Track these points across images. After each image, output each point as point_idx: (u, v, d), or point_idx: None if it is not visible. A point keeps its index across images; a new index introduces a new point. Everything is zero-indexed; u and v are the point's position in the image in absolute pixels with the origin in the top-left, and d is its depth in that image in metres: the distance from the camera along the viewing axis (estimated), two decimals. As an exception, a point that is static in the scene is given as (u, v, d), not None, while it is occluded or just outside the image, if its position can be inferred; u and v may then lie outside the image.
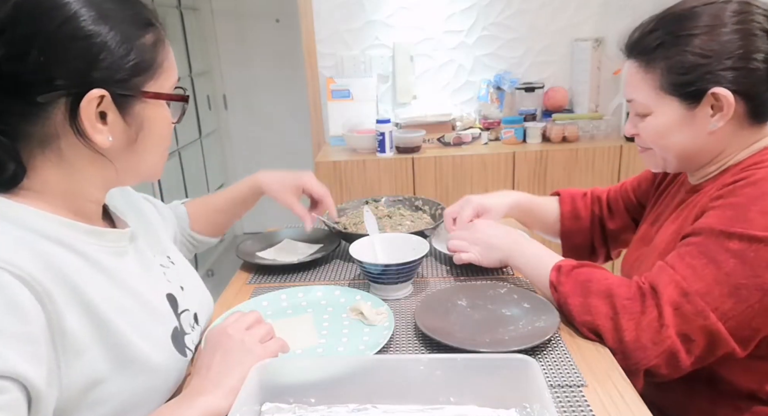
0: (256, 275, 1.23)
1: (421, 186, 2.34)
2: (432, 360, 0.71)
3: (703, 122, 0.90)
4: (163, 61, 0.74)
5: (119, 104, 0.69)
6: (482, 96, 2.63)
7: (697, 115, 0.90)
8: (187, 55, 3.56)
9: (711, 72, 0.86)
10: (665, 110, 0.92)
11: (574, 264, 0.95)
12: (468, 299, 1.03)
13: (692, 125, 0.91)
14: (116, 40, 0.68)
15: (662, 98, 0.91)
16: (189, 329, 0.86)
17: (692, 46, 0.86)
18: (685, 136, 0.92)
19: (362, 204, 1.46)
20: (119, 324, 0.70)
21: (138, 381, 0.71)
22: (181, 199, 1.25)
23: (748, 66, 0.84)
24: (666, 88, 0.90)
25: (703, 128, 0.90)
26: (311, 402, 0.72)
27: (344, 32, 2.61)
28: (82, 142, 0.69)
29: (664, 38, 0.89)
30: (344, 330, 0.97)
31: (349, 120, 2.49)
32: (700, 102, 0.88)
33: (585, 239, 1.31)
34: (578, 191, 1.33)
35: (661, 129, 0.94)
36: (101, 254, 0.74)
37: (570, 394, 0.78)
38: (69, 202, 0.73)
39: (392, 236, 1.20)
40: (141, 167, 0.77)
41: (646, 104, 0.94)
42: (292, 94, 3.89)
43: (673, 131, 0.93)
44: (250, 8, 3.83)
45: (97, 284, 0.70)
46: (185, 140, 3.43)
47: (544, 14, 2.57)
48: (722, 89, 0.85)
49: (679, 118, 0.91)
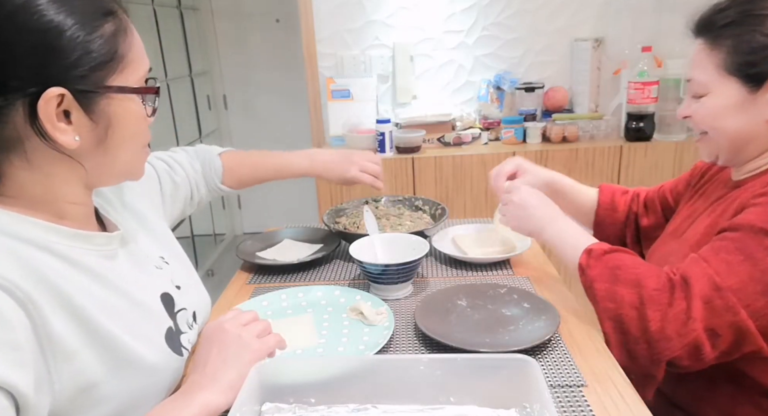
0: (256, 275, 1.23)
1: (421, 186, 2.33)
2: (432, 360, 0.71)
3: (761, 108, 0.87)
4: (126, 52, 0.68)
5: (82, 102, 0.65)
6: (482, 96, 2.63)
7: (757, 100, 0.87)
8: (187, 55, 3.56)
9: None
10: (724, 90, 0.89)
11: (605, 248, 0.93)
12: (468, 299, 1.03)
13: (749, 110, 0.88)
14: (73, 32, 0.62)
15: (723, 78, 0.89)
16: (186, 328, 0.85)
17: (764, 26, 0.84)
18: (740, 121, 0.90)
19: (362, 204, 1.46)
20: (109, 325, 0.69)
21: (134, 382, 0.71)
22: None
23: None
24: (729, 68, 0.88)
25: (760, 114, 0.88)
26: (311, 402, 0.72)
27: (344, 32, 2.61)
28: (47, 144, 0.65)
29: (736, 17, 0.87)
30: (344, 330, 0.97)
31: (349, 120, 2.49)
32: (761, 86, 0.86)
33: (617, 232, 1.29)
34: (619, 187, 1.32)
35: (717, 110, 0.91)
36: (89, 256, 0.72)
37: (570, 394, 0.78)
38: (48, 206, 0.70)
39: (392, 236, 1.20)
40: (116, 166, 0.73)
41: (705, 83, 0.91)
42: (292, 94, 3.89)
43: (729, 113, 0.90)
44: (250, 8, 3.83)
45: (84, 287, 0.68)
46: (185, 140, 3.43)
47: (544, 14, 2.56)
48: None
49: (737, 101, 0.89)
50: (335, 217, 1.40)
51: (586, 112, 2.54)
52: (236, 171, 1.21)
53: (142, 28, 2.70)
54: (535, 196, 1.09)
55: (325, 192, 2.40)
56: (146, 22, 3.02)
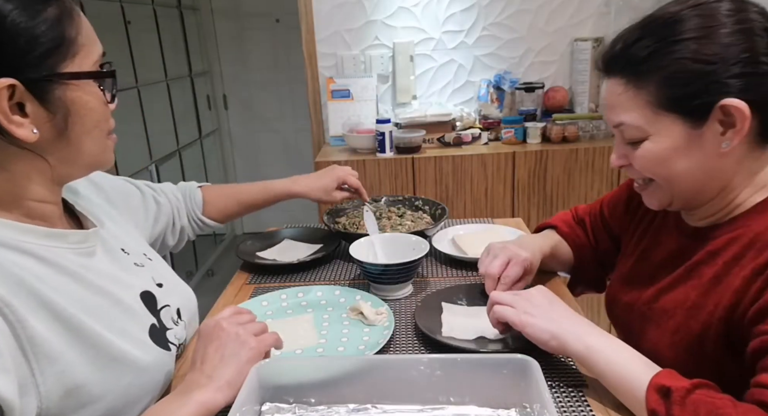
0: (256, 275, 1.23)
1: (421, 186, 2.33)
2: (432, 360, 0.71)
3: (712, 141, 0.75)
4: (75, 35, 0.65)
5: (35, 92, 0.62)
6: (482, 96, 2.63)
7: (705, 133, 0.75)
8: (187, 55, 3.56)
9: (717, 81, 0.72)
10: (665, 131, 0.76)
11: (686, 386, 0.66)
12: (468, 299, 1.03)
13: (700, 147, 0.76)
14: (14, 18, 0.59)
15: (660, 117, 0.76)
16: (171, 324, 0.84)
17: (691, 51, 0.73)
18: (693, 161, 0.77)
19: (362, 204, 1.46)
20: (92, 324, 0.68)
21: (123, 381, 0.70)
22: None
23: (757, 71, 0.72)
24: (664, 105, 0.75)
25: (713, 148, 0.75)
26: (311, 402, 0.72)
27: (344, 32, 2.61)
28: (4, 139, 0.62)
29: (655, 46, 0.75)
30: (344, 330, 0.97)
31: (349, 120, 2.49)
32: (707, 118, 0.74)
33: (594, 263, 1.15)
34: (568, 217, 1.19)
35: (663, 155, 0.78)
36: (66, 255, 0.70)
37: (570, 394, 0.78)
38: (17, 205, 0.68)
39: (392, 236, 1.20)
40: (82, 156, 0.71)
41: (641, 127, 0.78)
42: (292, 94, 3.89)
43: (678, 155, 0.77)
44: (250, 8, 3.83)
45: (63, 287, 0.67)
46: (185, 140, 3.43)
47: (544, 14, 2.56)
48: (734, 100, 0.71)
49: (684, 139, 0.76)
50: (335, 217, 1.40)
51: (586, 112, 2.54)
52: (217, 202, 1.20)
53: (142, 28, 2.71)
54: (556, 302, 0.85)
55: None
56: (146, 22, 3.02)
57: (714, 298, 0.77)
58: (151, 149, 2.96)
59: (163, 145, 3.15)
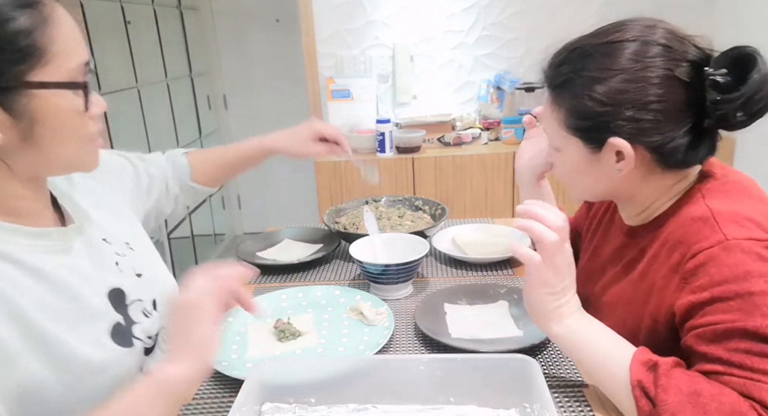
0: (256, 275, 1.23)
1: (421, 186, 2.33)
2: (432, 360, 0.71)
3: (608, 167, 0.81)
4: (49, 44, 0.64)
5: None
6: (482, 96, 2.63)
7: (602, 159, 0.81)
8: (187, 55, 3.56)
9: (609, 121, 0.77)
10: (571, 149, 0.84)
11: (670, 361, 0.69)
12: (468, 299, 1.03)
13: (598, 169, 0.82)
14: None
15: (568, 138, 0.83)
16: (141, 318, 0.83)
17: (594, 91, 0.77)
18: (593, 178, 0.85)
19: (362, 204, 1.46)
20: (52, 327, 0.68)
21: (82, 382, 0.70)
22: None
23: (650, 117, 0.75)
24: (570, 128, 0.82)
25: (610, 172, 0.81)
26: (311, 402, 0.72)
27: (344, 32, 2.61)
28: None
29: (569, 76, 0.80)
30: (344, 330, 0.97)
31: (349, 120, 2.49)
32: (602, 148, 0.80)
33: None
34: None
35: (568, 167, 0.86)
36: (42, 255, 0.71)
37: (570, 394, 0.78)
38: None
39: (392, 236, 1.20)
40: (55, 160, 0.70)
41: (555, 139, 0.86)
42: (292, 94, 3.89)
43: (581, 171, 0.85)
44: (250, 8, 3.82)
45: (28, 289, 0.67)
46: (185, 140, 3.43)
47: (545, 14, 2.57)
48: (619, 140, 0.77)
49: (584, 160, 0.83)
50: (335, 217, 1.40)
51: (586, 112, 2.54)
52: (203, 167, 1.18)
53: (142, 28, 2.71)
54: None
55: (325, 192, 2.40)
56: (146, 22, 3.02)
57: (642, 293, 0.82)
58: (150, 149, 2.96)
59: (163, 145, 3.14)
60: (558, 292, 0.76)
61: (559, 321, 0.77)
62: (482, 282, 1.12)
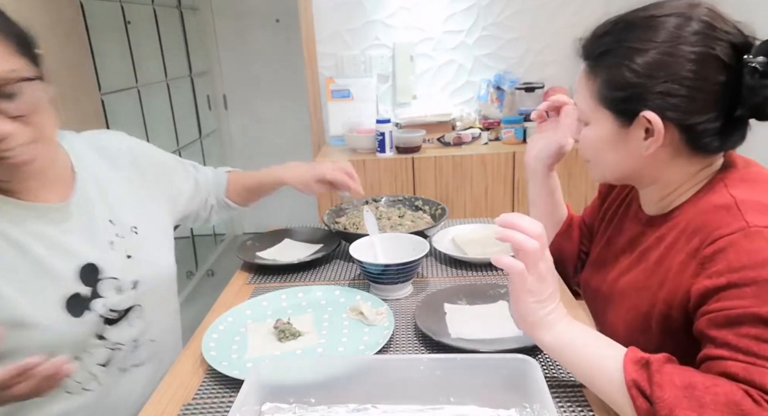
0: (256, 275, 1.23)
1: (421, 186, 2.33)
2: (432, 360, 0.71)
3: (636, 144, 0.80)
4: None
5: None
6: (482, 96, 2.63)
7: (630, 135, 0.80)
8: (187, 55, 3.56)
9: (643, 93, 0.76)
10: (600, 122, 0.83)
11: (661, 357, 0.70)
12: (468, 299, 1.04)
13: (625, 146, 0.82)
14: None
15: (598, 110, 0.82)
16: (111, 294, 0.90)
17: (633, 61, 0.76)
18: (619, 155, 0.83)
19: (362, 204, 1.46)
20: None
21: (25, 339, 0.78)
22: None
23: (684, 93, 0.74)
24: (602, 100, 0.81)
25: (636, 150, 0.81)
26: (311, 402, 0.72)
27: (344, 32, 2.61)
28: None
29: (611, 46, 0.80)
30: (344, 330, 0.97)
31: (349, 120, 2.49)
32: (632, 122, 0.79)
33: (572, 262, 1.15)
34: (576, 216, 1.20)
35: (596, 142, 0.85)
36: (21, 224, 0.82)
37: (570, 394, 0.78)
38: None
39: (392, 236, 1.20)
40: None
41: (584, 112, 0.85)
42: (292, 94, 3.89)
43: (606, 147, 0.84)
44: (250, 8, 3.82)
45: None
46: (185, 140, 3.43)
47: (544, 14, 2.57)
48: (651, 114, 0.76)
49: (613, 134, 0.82)
50: (335, 217, 1.40)
51: (586, 112, 2.54)
52: (235, 185, 1.28)
53: (142, 28, 2.71)
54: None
55: (325, 192, 2.40)
56: (146, 22, 3.02)
57: (657, 279, 0.82)
58: None
59: (163, 145, 3.12)
60: (545, 300, 0.76)
61: (549, 329, 0.77)
62: (482, 282, 1.12)
